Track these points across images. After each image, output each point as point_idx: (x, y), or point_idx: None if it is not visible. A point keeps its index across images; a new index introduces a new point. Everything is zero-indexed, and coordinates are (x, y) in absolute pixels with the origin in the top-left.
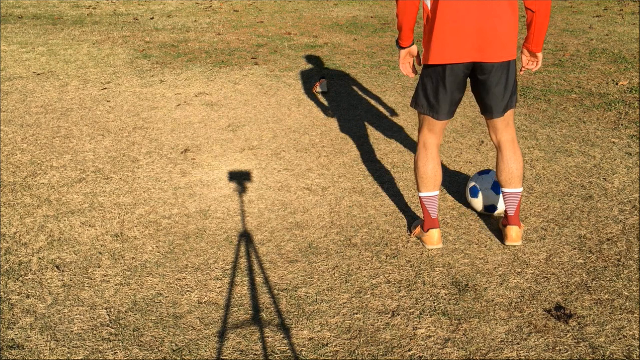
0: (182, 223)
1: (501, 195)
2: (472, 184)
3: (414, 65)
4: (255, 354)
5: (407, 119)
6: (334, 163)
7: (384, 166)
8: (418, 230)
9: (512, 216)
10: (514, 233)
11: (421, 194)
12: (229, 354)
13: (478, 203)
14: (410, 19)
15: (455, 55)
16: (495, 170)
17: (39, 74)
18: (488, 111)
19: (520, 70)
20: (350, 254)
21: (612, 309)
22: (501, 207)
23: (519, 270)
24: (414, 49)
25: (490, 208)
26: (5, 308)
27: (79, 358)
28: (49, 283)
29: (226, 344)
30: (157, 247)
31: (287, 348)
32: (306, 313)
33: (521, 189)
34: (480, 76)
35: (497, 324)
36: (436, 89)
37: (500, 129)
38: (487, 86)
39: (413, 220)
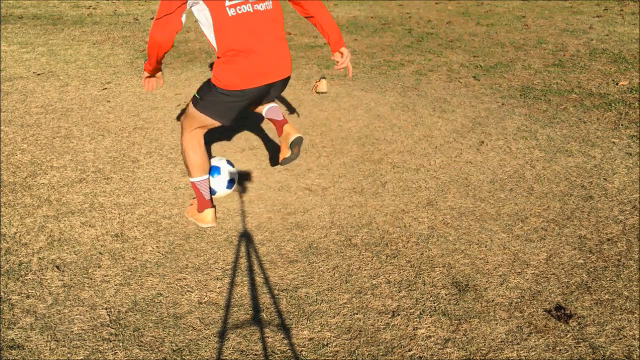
0: (182, 223)
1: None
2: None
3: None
4: (255, 354)
5: (407, 118)
6: (334, 163)
7: (384, 166)
8: (192, 211)
9: (281, 120)
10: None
11: (195, 179)
12: (229, 354)
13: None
14: (160, 57)
15: (247, 82)
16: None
17: (39, 74)
18: (267, 101)
19: (337, 68)
20: (350, 254)
21: (612, 309)
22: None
23: (519, 270)
24: (155, 79)
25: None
26: (5, 308)
27: (79, 358)
28: (49, 283)
29: (226, 344)
30: (157, 247)
31: (287, 348)
32: (306, 313)
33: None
34: (270, 89)
35: (497, 324)
36: (230, 106)
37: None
38: (272, 95)
39: (413, 220)
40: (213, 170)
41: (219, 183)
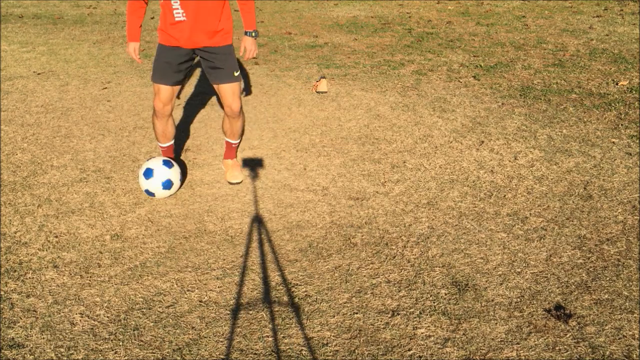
0: (182, 223)
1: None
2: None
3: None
4: (255, 354)
5: (407, 118)
6: (334, 163)
7: (384, 166)
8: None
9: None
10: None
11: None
12: (229, 353)
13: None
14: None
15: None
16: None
17: (39, 74)
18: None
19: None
20: (350, 254)
21: (612, 308)
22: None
23: (519, 270)
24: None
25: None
26: (5, 307)
27: (79, 357)
28: (49, 282)
29: (226, 343)
30: (157, 246)
31: (287, 348)
32: (306, 313)
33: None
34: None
35: (497, 323)
36: None
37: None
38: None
39: (413, 220)
40: (148, 174)
41: (154, 184)
